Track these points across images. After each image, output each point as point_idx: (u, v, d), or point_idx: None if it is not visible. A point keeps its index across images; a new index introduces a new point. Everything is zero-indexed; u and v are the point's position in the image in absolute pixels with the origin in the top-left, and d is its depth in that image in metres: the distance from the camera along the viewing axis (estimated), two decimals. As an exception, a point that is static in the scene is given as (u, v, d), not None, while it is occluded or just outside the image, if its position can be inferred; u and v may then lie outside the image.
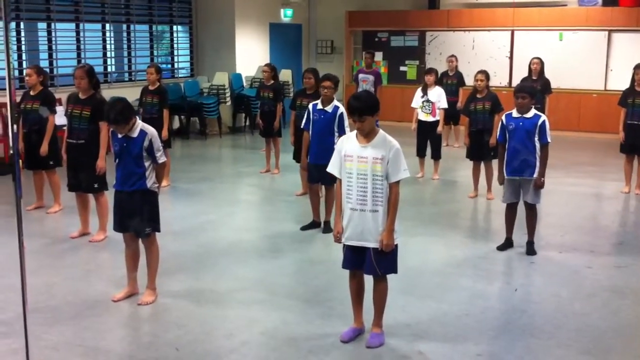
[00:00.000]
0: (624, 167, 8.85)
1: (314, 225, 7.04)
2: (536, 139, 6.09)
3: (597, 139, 13.17)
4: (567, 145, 12.26)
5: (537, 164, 6.13)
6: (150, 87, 8.86)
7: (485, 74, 8.23)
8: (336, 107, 6.74)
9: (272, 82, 9.95)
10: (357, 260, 4.33)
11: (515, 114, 6.17)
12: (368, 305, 4.49)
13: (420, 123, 9.44)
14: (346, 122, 6.67)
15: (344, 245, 4.35)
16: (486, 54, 14.48)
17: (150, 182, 4.97)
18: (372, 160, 4.16)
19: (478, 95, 8.23)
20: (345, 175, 4.26)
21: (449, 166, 10.20)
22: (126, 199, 4.99)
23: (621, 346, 4.52)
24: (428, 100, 9.33)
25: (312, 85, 7.89)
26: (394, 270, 4.36)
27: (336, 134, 6.68)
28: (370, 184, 4.17)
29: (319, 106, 6.81)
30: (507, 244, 6.44)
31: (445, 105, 9.47)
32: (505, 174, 6.28)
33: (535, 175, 6.13)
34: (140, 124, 4.96)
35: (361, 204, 4.20)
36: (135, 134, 4.90)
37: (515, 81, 14.07)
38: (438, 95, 9.38)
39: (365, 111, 4.14)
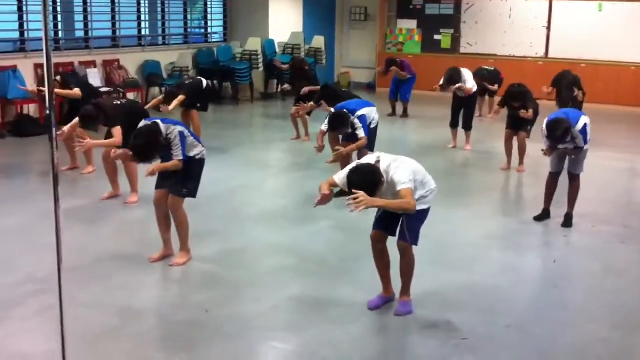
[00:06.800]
0: None
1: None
2: None
3: (635, 113, 12.90)
4: (603, 118, 11.99)
5: None
6: None
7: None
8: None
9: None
10: (389, 222, 4.30)
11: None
12: (396, 274, 4.49)
13: (456, 95, 9.38)
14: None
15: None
16: (523, 23, 14.20)
17: (193, 152, 5.22)
18: None
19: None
20: None
21: (482, 137, 10.07)
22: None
23: (653, 322, 4.48)
24: (460, 89, 9.21)
25: None
26: (416, 242, 4.31)
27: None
28: None
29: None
30: (545, 215, 6.36)
31: (475, 86, 9.36)
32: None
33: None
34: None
35: None
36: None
37: (552, 52, 13.84)
38: (469, 80, 9.28)
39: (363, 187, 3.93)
